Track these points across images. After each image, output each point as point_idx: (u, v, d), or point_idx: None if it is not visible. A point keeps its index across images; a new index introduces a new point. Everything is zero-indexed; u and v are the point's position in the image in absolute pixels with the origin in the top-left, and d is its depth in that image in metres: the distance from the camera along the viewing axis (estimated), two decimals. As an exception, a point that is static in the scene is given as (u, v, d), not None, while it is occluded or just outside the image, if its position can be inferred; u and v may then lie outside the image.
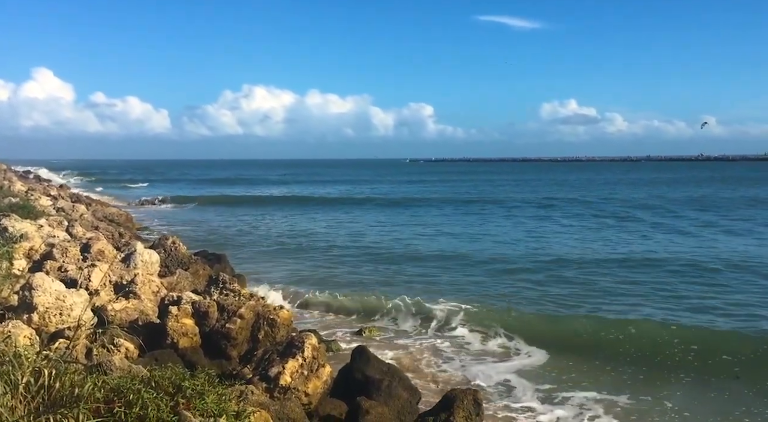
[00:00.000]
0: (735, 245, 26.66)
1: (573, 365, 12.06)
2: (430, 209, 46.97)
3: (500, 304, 16.15)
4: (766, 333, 13.49)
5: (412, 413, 9.11)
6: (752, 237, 29.19)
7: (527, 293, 17.58)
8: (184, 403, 5.35)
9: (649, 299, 16.81)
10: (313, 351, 8.67)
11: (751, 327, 13.95)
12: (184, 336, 10.06)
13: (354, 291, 17.43)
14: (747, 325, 14.21)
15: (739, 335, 13.45)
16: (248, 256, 23.75)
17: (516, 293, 17.63)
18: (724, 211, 42.56)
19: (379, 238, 29.50)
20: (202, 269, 16.57)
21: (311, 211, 46.15)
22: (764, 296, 16.96)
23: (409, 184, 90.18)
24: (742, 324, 14.39)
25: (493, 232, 32.16)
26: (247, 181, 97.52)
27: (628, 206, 46.83)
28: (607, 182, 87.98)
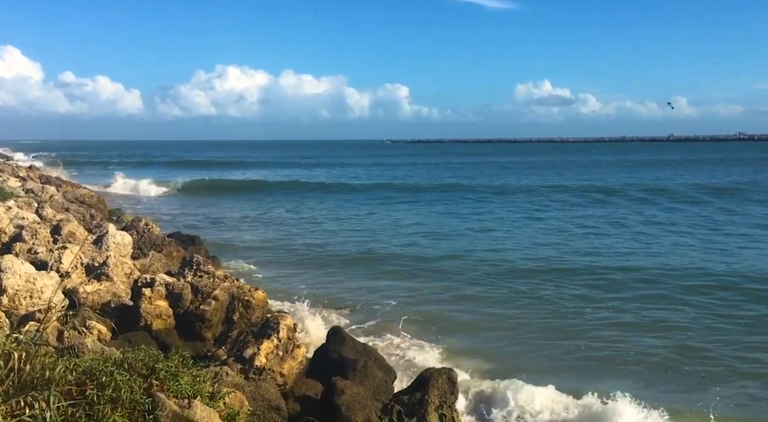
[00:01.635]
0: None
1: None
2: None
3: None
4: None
5: (387, 392, 9.17)
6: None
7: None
8: (158, 385, 5.32)
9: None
10: (288, 332, 8.66)
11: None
12: (158, 318, 9.98)
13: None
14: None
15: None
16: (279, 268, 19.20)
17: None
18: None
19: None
20: (176, 251, 16.44)
21: (316, 198, 42.33)
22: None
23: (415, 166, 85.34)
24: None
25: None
26: (231, 164, 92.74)
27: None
28: (635, 164, 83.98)
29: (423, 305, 14.80)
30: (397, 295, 15.59)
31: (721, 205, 34.88)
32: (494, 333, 13.01)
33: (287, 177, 63.07)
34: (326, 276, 18.09)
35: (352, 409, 7.48)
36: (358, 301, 15.24)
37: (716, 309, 14.35)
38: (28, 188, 23.76)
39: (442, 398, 8.78)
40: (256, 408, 6.75)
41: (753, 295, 15.28)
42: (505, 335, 12.85)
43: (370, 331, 13.04)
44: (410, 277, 17.71)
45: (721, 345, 12.05)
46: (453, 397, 8.90)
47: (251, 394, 6.84)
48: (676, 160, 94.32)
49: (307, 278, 17.51)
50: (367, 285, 16.89)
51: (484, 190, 47.19)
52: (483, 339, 12.69)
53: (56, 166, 62.74)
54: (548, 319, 13.84)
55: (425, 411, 8.63)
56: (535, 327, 13.30)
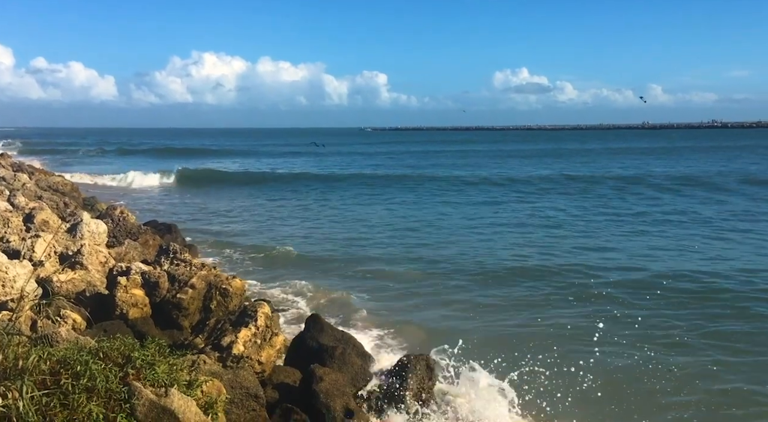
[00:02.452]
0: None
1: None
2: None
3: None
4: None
5: (366, 379, 9.20)
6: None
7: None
8: (134, 374, 5.27)
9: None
10: (266, 320, 8.64)
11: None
12: (134, 306, 9.89)
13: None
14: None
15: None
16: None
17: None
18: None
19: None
20: (152, 239, 16.29)
21: (330, 191, 38.83)
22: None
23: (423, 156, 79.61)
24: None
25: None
26: (214, 153, 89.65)
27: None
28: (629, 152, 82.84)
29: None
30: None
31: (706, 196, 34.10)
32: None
33: (290, 168, 58.57)
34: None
35: (331, 396, 7.50)
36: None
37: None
38: (0, 176, 23.35)
39: (420, 384, 8.83)
40: (234, 396, 6.74)
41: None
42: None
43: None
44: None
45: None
46: (431, 383, 8.96)
47: (229, 382, 6.82)
48: (656, 147, 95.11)
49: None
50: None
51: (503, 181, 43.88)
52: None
53: (30, 157, 60.03)
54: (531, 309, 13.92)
55: (404, 397, 8.68)
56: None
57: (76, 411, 4.64)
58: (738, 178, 42.61)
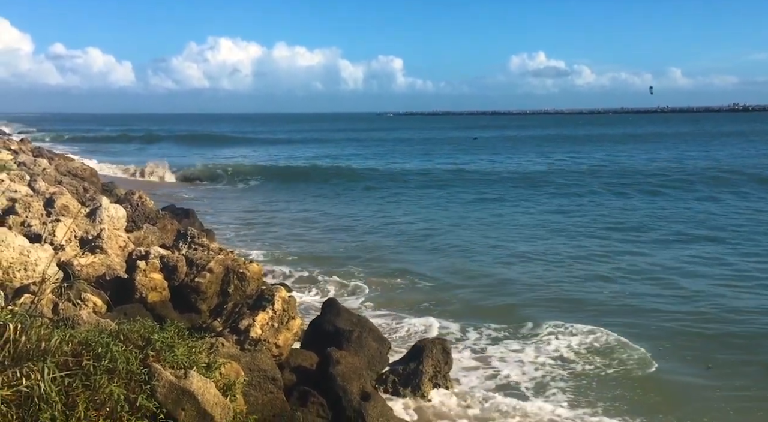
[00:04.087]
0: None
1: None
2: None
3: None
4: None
5: (382, 362, 9.25)
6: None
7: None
8: (154, 356, 5.35)
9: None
10: (283, 304, 8.69)
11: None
12: (153, 290, 9.99)
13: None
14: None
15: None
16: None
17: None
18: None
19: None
20: (170, 224, 16.42)
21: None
22: None
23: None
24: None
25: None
26: (249, 141, 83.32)
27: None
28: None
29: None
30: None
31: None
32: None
33: (358, 161, 49.67)
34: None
35: (348, 379, 7.54)
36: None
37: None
38: (20, 161, 23.59)
39: (436, 368, 8.87)
40: (252, 378, 6.80)
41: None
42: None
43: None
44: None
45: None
46: (447, 367, 9.00)
47: (247, 365, 6.88)
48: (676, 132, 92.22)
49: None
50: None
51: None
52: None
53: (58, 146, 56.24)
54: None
55: (420, 381, 8.73)
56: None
57: (97, 392, 4.72)
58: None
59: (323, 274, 15.10)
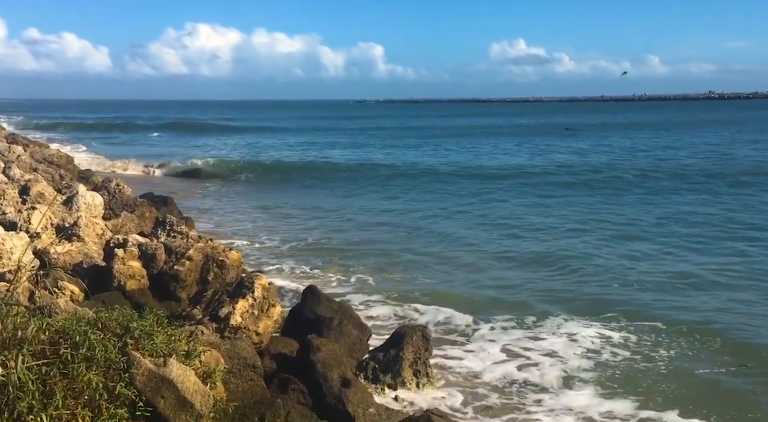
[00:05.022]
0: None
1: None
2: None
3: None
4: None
5: (363, 349, 9.29)
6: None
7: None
8: (133, 344, 5.31)
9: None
10: (263, 292, 8.67)
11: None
12: (132, 278, 9.92)
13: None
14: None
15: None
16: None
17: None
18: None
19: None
20: (149, 211, 16.29)
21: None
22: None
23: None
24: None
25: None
26: (234, 130, 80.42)
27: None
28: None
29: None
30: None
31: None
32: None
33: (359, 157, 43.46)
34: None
35: (328, 366, 7.56)
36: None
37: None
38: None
39: (416, 354, 8.92)
40: (232, 366, 6.79)
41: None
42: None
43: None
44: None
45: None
46: (427, 353, 9.05)
47: (227, 352, 6.87)
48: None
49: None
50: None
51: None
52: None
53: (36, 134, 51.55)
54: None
55: (400, 367, 8.78)
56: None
57: (75, 380, 4.68)
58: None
59: (330, 265, 15.16)
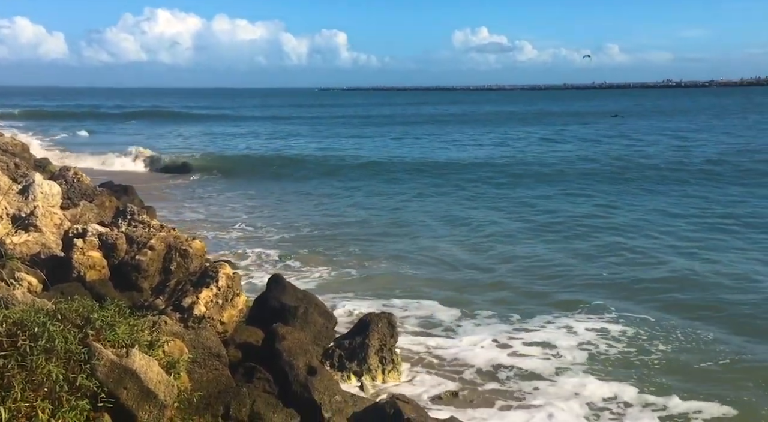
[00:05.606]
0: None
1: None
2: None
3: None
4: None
5: (328, 337, 9.29)
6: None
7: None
8: (94, 335, 5.22)
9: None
10: (227, 281, 8.60)
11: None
12: (92, 268, 9.73)
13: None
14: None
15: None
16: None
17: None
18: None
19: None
20: (108, 201, 15.99)
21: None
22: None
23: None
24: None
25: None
26: (201, 118, 78.32)
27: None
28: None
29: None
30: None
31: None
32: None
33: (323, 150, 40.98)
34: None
35: (294, 354, 7.54)
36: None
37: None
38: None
39: (382, 341, 8.96)
40: (197, 355, 6.72)
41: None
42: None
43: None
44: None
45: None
46: (393, 340, 9.10)
47: (191, 342, 6.79)
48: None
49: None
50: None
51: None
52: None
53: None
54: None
55: (366, 355, 8.81)
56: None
57: (34, 373, 4.59)
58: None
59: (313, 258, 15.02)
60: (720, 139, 43.11)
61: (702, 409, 8.19)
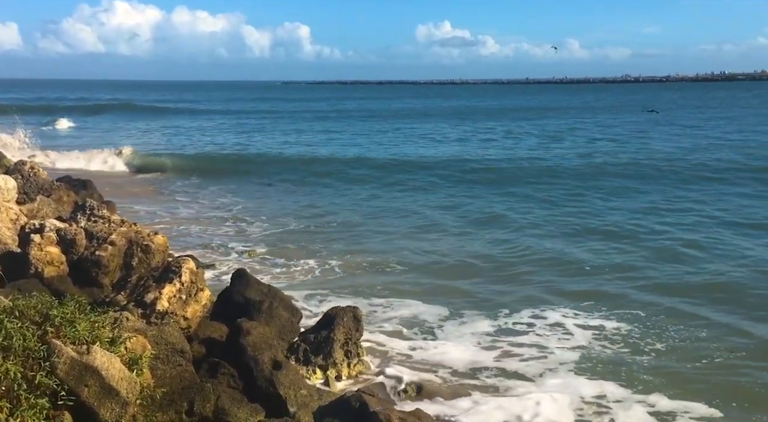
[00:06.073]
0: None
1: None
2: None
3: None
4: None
5: (293, 332, 9.25)
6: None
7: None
8: (53, 332, 5.13)
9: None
10: (191, 276, 8.51)
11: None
12: (50, 264, 9.53)
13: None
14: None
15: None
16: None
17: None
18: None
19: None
20: (67, 195, 15.67)
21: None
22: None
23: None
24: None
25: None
26: (167, 112, 76.20)
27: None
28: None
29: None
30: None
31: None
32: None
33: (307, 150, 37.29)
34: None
35: (259, 349, 7.50)
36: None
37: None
38: None
39: (347, 335, 8.96)
40: (160, 351, 6.64)
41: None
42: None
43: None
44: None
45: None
46: (358, 334, 9.10)
47: (154, 338, 6.71)
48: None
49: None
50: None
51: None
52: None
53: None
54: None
55: (331, 349, 8.80)
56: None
57: (-9, 371, 4.49)
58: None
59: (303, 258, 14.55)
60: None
61: (690, 409, 8.10)
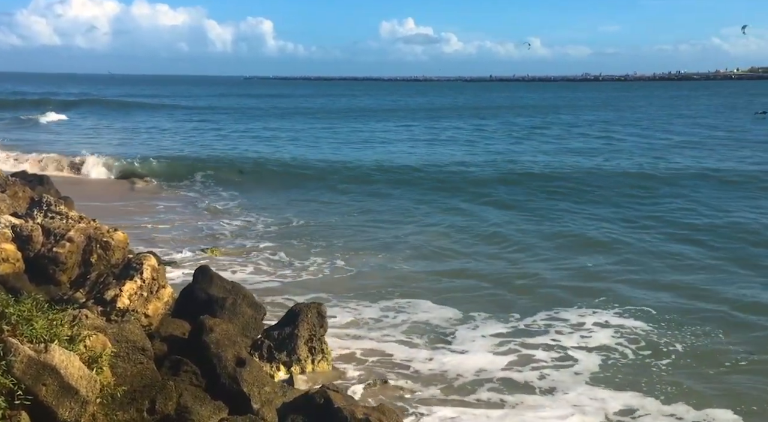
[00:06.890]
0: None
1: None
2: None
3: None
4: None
5: (257, 328, 9.20)
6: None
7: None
8: (9, 330, 5.02)
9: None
10: (152, 273, 8.40)
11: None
12: (5, 261, 9.30)
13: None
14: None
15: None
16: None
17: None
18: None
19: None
20: (22, 191, 15.27)
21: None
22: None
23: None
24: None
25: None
26: (141, 106, 72.94)
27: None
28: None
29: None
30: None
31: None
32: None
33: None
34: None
35: (222, 346, 7.43)
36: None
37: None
38: None
39: (311, 331, 8.94)
40: (120, 349, 6.53)
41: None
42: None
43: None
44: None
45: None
46: (322, 330, 9.09)
47: (114, 336, 6.59)
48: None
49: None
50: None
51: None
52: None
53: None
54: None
55: (295, 345, 8.77)
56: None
57: (-56, 371, 4.37)
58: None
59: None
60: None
61: (715, 417, 7.94)
